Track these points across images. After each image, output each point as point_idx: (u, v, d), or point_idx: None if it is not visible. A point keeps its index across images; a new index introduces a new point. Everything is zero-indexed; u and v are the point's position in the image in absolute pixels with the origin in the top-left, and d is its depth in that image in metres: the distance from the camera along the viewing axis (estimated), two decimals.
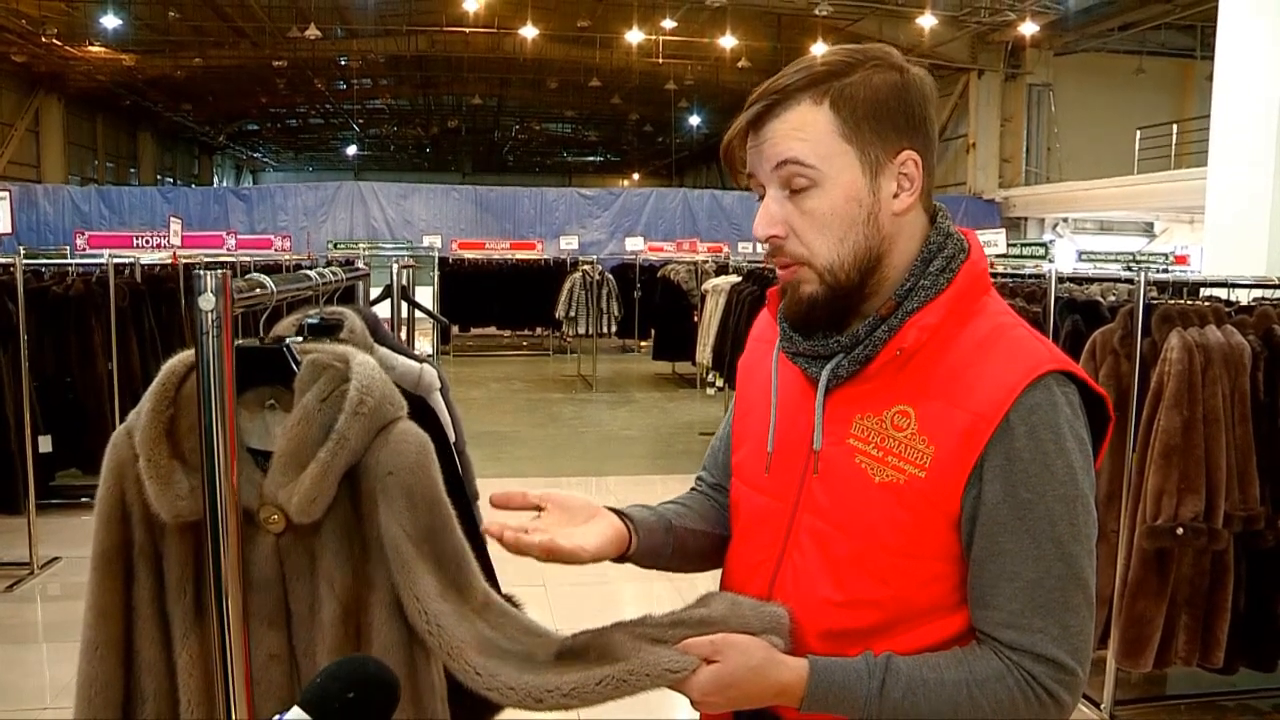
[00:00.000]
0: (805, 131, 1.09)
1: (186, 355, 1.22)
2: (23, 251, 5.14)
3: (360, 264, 2.24)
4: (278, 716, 0.91)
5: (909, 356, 1.10)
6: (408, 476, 1.22)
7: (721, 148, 1.17)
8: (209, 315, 1.01)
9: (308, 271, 1.52)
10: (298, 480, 1.19)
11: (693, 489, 1.41)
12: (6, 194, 5.60)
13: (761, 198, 1.15)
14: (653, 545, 1.25)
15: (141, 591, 1.24)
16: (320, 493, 1.19)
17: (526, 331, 16.12)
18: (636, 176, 39.17)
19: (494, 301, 14.67)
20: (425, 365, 1.68)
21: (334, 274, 1.58)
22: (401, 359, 1.63)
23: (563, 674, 1.11)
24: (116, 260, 5.94)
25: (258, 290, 1.20)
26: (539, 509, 1.18)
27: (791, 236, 1.12)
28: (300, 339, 1.40)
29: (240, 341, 1.18)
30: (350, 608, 1.24)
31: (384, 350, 1.56)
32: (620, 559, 1.21)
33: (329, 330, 1.50)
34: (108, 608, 1.23)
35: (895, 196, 1.11)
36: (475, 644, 1.17)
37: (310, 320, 1.50)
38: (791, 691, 1.07)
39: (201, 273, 1.01)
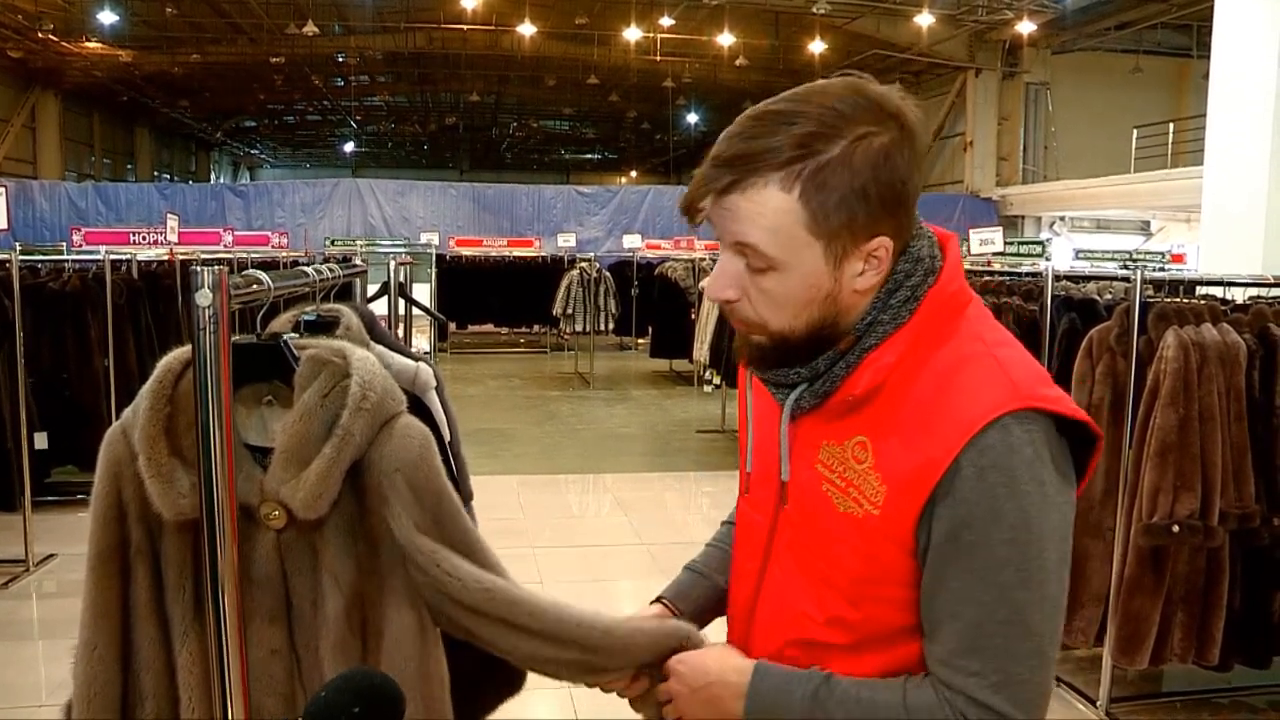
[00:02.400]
0: (769, 219, 1.02)
1: (182, 352, 1.22)
2: (19, 248, 5.12)
3: (357, 261, 2.24)
4: None
5: (865, 397, 1.07)
6: (412, 472, 1.24)
7: (682, 203, 1.08)
8: (206, 311, 1.01)
9: (304, 268, 1.52)
10: (300, 477, 1.20)
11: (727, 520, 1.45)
12: (3, 190, 5.58)
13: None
14: (700, 605, 1.36)
15: (139, 591, 1.23)
16: (326, 489, 1.20)
17: (524, 329, 16.09)
18: (634, 174, 39.13)
19: (491, 299, 14.65)
20: (421, 364, 1.68)
21: (331, 271, 1.57)
22: (397, 357, 1.62)
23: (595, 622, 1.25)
24: (113, 257, 5.93)
25: (254, 286, 1.20)
26: None
27: (745, 301, 1.08)
28: (297, 336, 1.40)
29: (237, 338, 1.18)
30: (354, 601, 1.26)
31: (380, 348, 1.56)
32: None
33: (325, 327, 1.50)
34: (106, 607, 1.23)
35: (860, 276, 1.06)
36: (529, 595, 1.26)
37: (307, 317, 1.50)
38: (735, 687, 1.13)
39: (198, 269, 1.01)
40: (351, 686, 0.99)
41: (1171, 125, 17.92)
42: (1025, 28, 18.01)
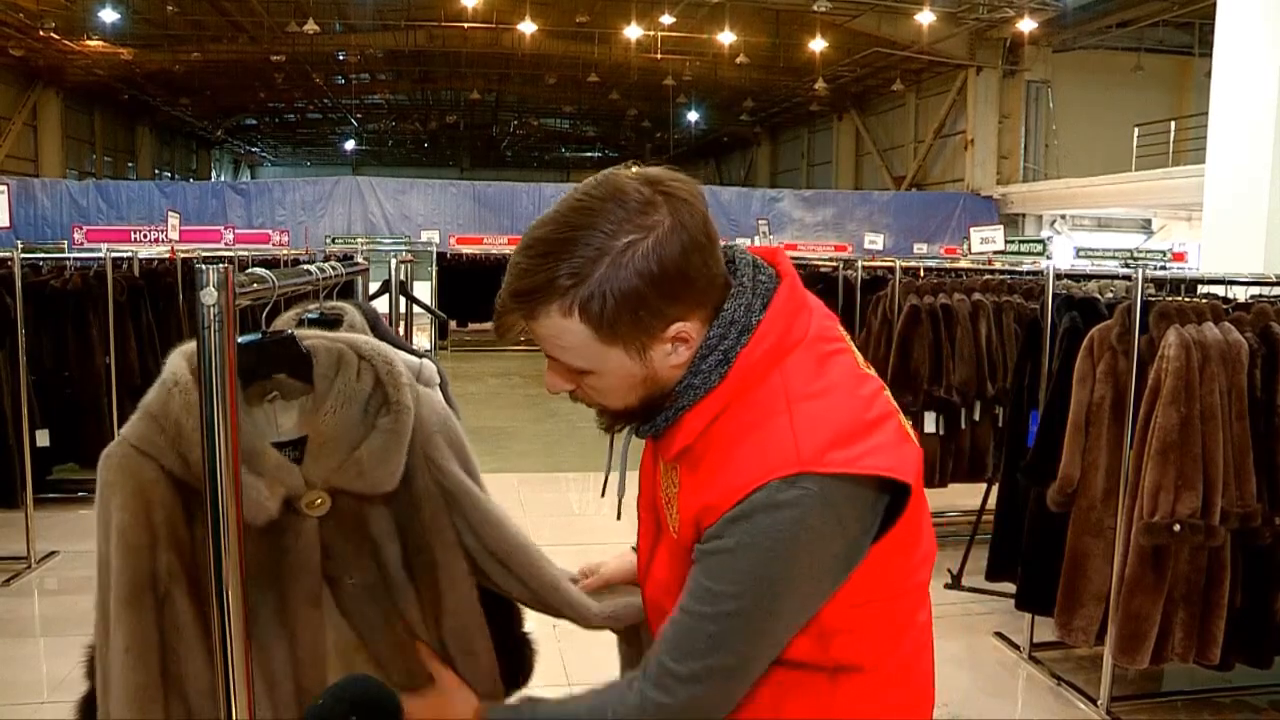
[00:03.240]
0: (564, 339, 1.10)
1: (190, 354, 1.21)
2: (20, 246, 5.12)
3: (358, 259, 2.24)
4: None
5: (682, 453, 1.15)
6: (446, 429, 1.34)
7: (493, 327, 1.18)
8: (211, 309, 1.01)
9: (307, 266, 1.52)
10: (353, 458, 1.24)
11: None
12: (4, 188, 5.59)
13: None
14: None
15: (183, 617, 1.19)
16: (399, 460, 1.25)
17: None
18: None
19: (492, 297, 14.42)
20: (425, 361, 1.68)
21: (333, 269, 1.57)
22: (400, 354, 1.62)
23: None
24: (114, 255, 5.92)
25: (259, 285, 1.20)
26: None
27: (580, 390, 1.17)
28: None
29: (242, 339, 1.18)
30: (407, 562, 1.31)
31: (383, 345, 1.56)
32: None
33: (330, 325, 1.50)
34: (152, 642, 1.18)
35: (670, 355, 1.11)
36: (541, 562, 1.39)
37: (310, 315, 1.50)
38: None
39: (203, 267, 1.01)
40: (349, 694, 0.99)
41: (1173, 123, 17.92)
42: (1026, 26, 18.01)
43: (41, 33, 18.37)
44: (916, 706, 1.23)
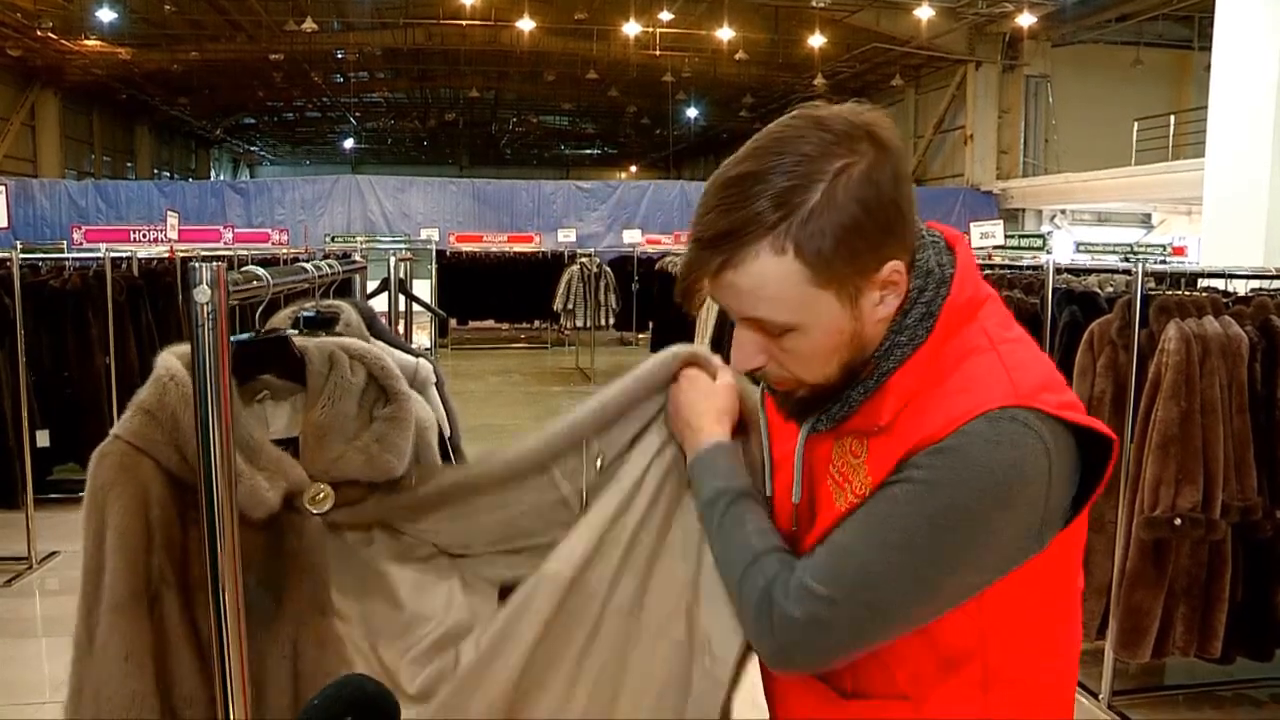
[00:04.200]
0: (771, 288, 0.98)
1: (184, 355, 1.20)
2: (19, 246, 5.12)
3: (357, 257, 2.23)
4: None
5: (888, 425, 1.02)
6: (432, 430, 1.37)
7: (677, 292, 1.05)
8: (204, 308, 1.01)
9: (304, 264, 1.51)
10: (355, 446, 1.23)
11: None
12: (3, 188, 5.58)
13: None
14: None
15: (171, 622, 1.16)
16: (406, 445, 1.26)
17: (524, 324, 16.11)
18: (634, 169, 39.11)
19: (492, 295, 14.66)
20: (421, 360, 1.68)
21: (330, 267, 1.57)
22: (397, 353, 1.62)
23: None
24: (113, 254, 5.93)
25: (253, 283, 1.19)
26: None
27: (774, 364, 1.05)
28: (296, 332, 1.39)
29: (234, 338, 1.18)
30: (413, 554, 1.30)
31: (380, 344, 1.56)
32: None
33: (325, 323, 1.49)
34: (149, 648, 1.14)
35: (880, 305, 1.02)
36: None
37: (306, 313, 1.49)
38: (698, 440, 1.17)
39: (197, 265, 1.01)
40: (344, 695, 0.98)
41: (1172, 118, 17.90)
42: (1025, 20, 17.97)
43: (39, 32, 18.34)
44: None
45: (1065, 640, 1.08)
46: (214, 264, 1.01)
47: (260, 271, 1.21)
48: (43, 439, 5.26)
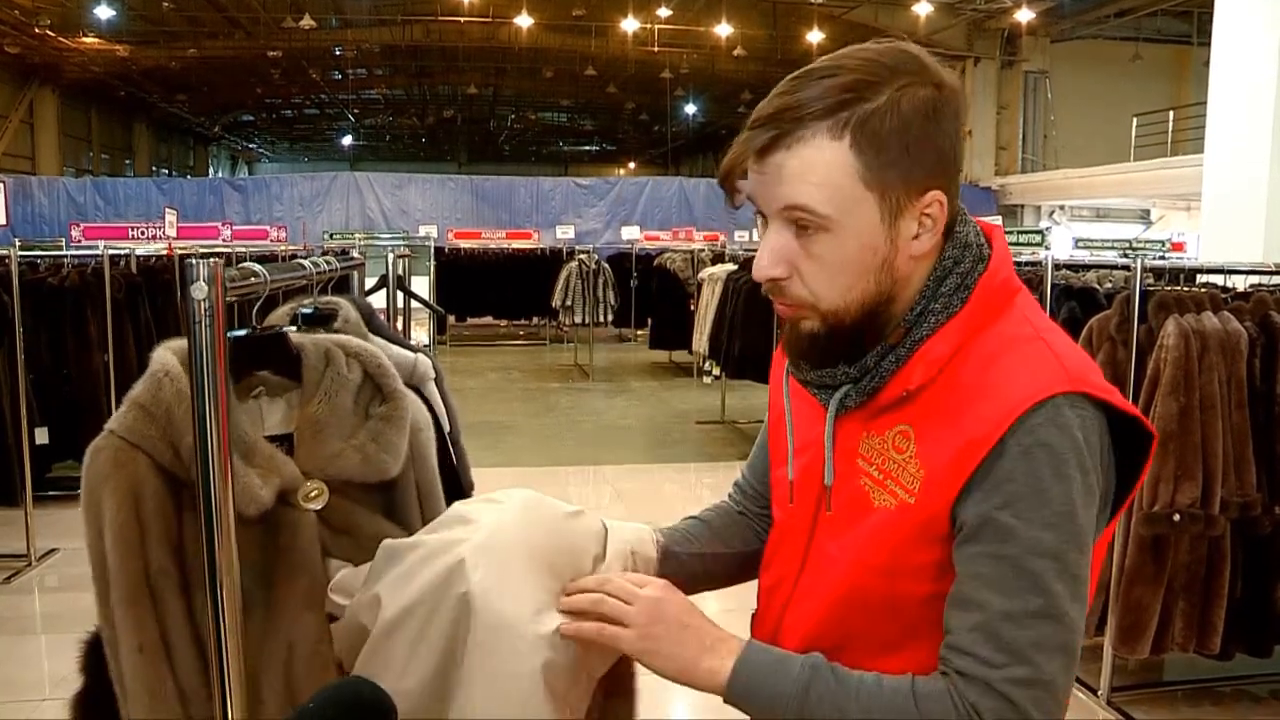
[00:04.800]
0: (819, 173, 0.96)
1: (180, 350, 1.20)
2: (18, 244, 5.12)
3: (355, 254, 2.23)
4: None
5: (918, 391, 1.01)
6: (428, 432, 1.37)
7: (720, 173, 1.01)
8: (201, 304, 1.01)
9: (302, 261, 1.51)
10: (351, 444, 1.23)
11: (728, 495, 1.38)
12: (1, 186, 5.58)
13: (764, 223, 1.03)
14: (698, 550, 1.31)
15: (173, 618, 1.16)
16: (401, 445, 1.27)
17: (523, 321, 16.11)
18: (632, 165, 39.10)
19: (490, 291, 14.64)
20: (420, 355, 1.68)
21: (328, 263, 1.57)
22: (395, 349, 1.62)
23: None
24: (112, 252, 5.92)
25: (251, 279, 1.19)
26: None
27: (795, 278, 1.02)
28: (294, 328, 1.39)
29: (230, 333, 1.17)
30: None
31: (379, 340, 1.55)
32: None
33: (323, 320, 1.49)
34: (159, 641, 1.15)
35: (915, 238, 1.00)
36: None
37: (304, 309, 1.49)
38: (719, 657, 1.03)
39: (194, 261, 1.00)
40: (340, 697, 0.97)
41: (1171, 113, 17.89)
42: (1024, 16, 17.96)
43: (37, 30, 18.33)
44: None
45: (1079, 640, 1.07)
46: (211, 261, 1.01)
47: (258, 268, 1.21)
48: (41, 436, 5.25)
